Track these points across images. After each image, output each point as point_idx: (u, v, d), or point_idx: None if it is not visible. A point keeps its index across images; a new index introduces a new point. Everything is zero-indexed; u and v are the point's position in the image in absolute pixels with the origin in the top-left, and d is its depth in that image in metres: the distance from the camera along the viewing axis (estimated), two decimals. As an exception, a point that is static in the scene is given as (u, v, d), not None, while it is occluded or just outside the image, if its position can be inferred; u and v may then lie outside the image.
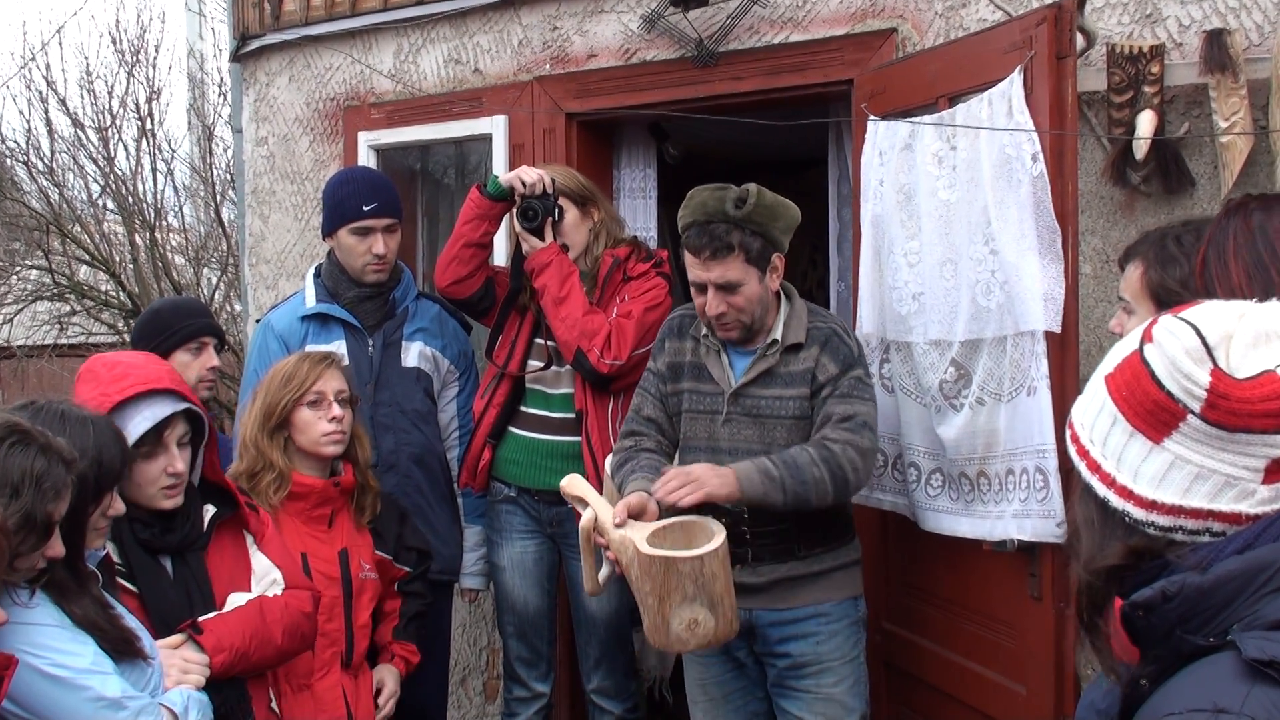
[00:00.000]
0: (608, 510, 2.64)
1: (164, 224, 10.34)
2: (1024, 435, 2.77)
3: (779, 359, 2.86)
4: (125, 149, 10.27)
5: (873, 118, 3.28)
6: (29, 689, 1.95)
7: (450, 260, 3.43)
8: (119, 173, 10.20)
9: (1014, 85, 2.80)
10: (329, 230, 3.53)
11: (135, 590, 2.38)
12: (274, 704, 2.63)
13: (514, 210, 3.40)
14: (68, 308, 10.26)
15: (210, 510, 2.52)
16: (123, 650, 2.10)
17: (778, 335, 2.88)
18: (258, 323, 3.80)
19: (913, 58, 3.37)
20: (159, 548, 2.43)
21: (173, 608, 2.39)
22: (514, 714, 3.63)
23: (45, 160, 10.29)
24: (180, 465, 2.40)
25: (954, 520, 3.02)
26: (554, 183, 3.39)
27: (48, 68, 13.18)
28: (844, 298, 3.97)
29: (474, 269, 3.43)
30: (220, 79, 10.08)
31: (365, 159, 4.54)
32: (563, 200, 3.41)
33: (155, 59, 10.45)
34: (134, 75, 10.31)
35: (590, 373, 3.31)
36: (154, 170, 10.27)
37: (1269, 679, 1.07)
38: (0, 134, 10.47)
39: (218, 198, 10.03)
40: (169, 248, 10.30)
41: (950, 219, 2.97)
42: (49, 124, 10.29)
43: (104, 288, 10.20)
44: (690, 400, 2.95)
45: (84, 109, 10.22)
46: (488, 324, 3.57)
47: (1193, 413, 1.18)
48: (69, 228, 9.97)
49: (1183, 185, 3.04)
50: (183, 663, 2.28)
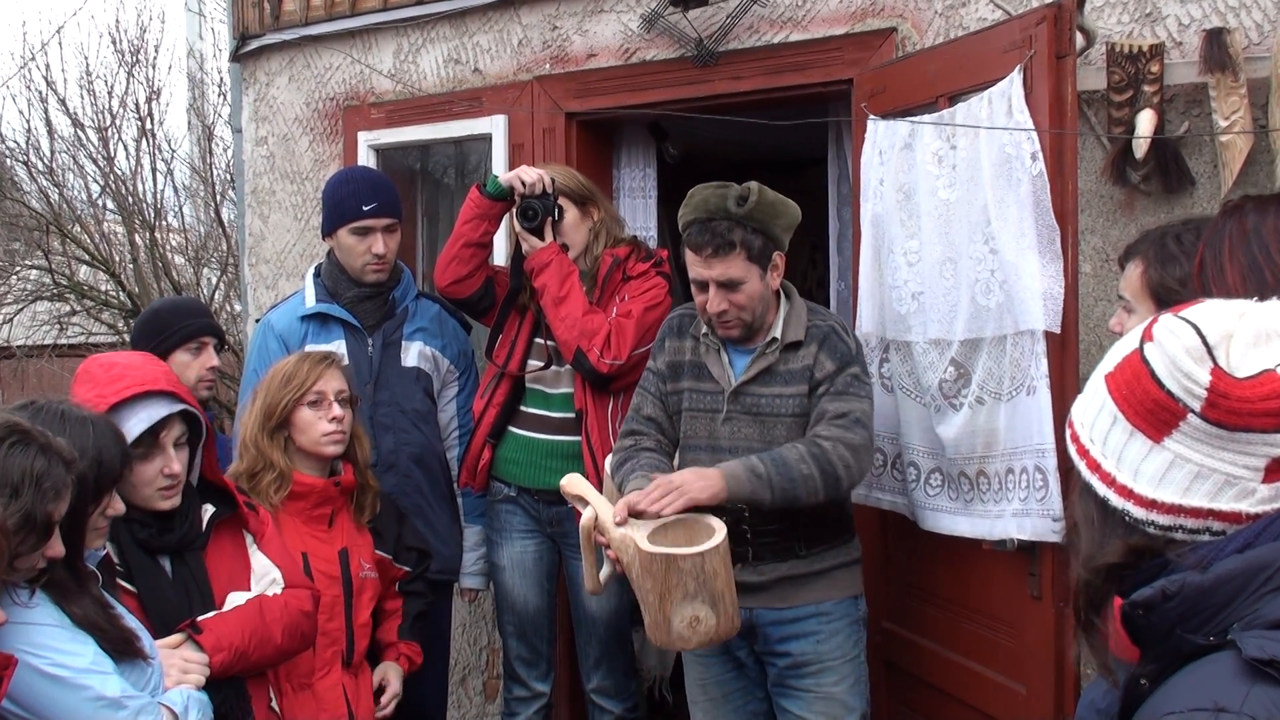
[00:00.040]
0: (608, 509, 2.64)
1: (164, 224, 10.34)
2: (1023, 434, 2.77)
3: (778, 357, 2.86)
4: (125, 149, 10.28)
5: (872, 117, 3.28)
6: (29, 688, 1.95)
7: (450, 260, 3.43)
8: (119, 173, 10.20)
9: (1014, 84, 2.80)
10: (329, 230, 3.54)
11: (134, 590, 2.38)
12: (274, 703, 2.63)
13: (514, 210, 3.40)
14: (67, 308, 10.25)
15: (209, 510, 2.53)
16: (123, 650, 2.10)
17: (777, 333, 2.87)
18: (257, 322, 3.80)
19: (912, 57, 3.37)
20: (157, 548, 2.43)
21: (171, 607, 2.39)
22: (514, 713, 3.63)
23: (45, 160, 10.29)
24: (177, 466, 2.40)
25: (953, 519, 3.02)
26: (554, 182, 3.39)
27: (47, 68, 13.20)
28: (844, 297, 3.97)
29: (474, 269, 3.43)
30: (220, 79, 10.08)
31: (365, 159, 4.54)
32: (562, 200, 3.41)
33: (155, 59, 10.45)
34: (134, 75, 10.31)
35: (590, 372, 3.31)
36: (154, 170, 10.27)
37: (1269, 678, 1.07)
38: (0, 134, 10.49)
39: (217, 198, 10.03)
40: (169, 248, 10.29)
41: (950, 218, 2.97)
42: (49, 124, 10.30)
43: (104, 288, 10.20)
44: (690, 399, 2.95)
45: (84, 109, 10.23)
46: (487, 324, 3.57)
47: (1193, 412, 1.18)
48: (69, 228, 9.97)
49: (1182, 184, 3.05)
50: (182, 662, 2.29)
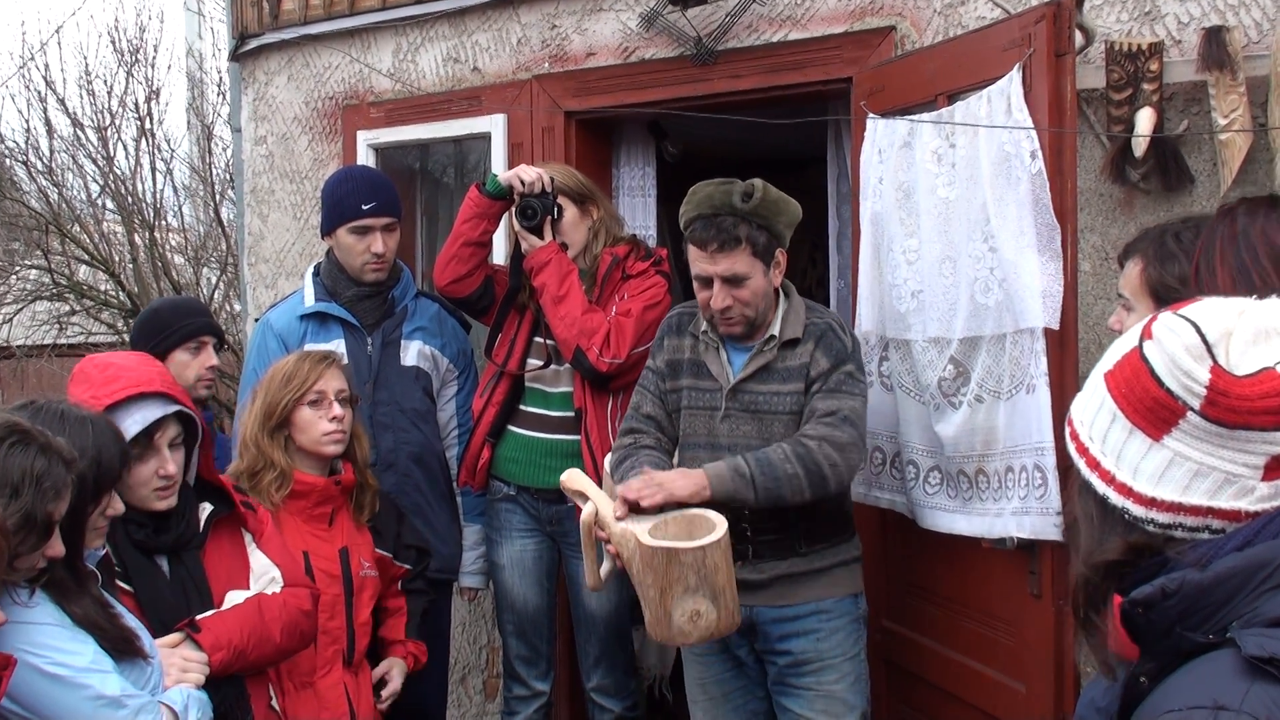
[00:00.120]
0: (608, 504, 2.63)
1: (163, 223, 10.34)
2: (1023, 433, 2.77)
3: (776, 354, 2.86)
4: (124, 148, 10.29)
5: (872, 115, 3.28)
6: (29, 688, 1.95)
7: (449, 259, 3.42)
8: (118, 172, 10.20)
9: (1013, 83, 2.80)
10: (328, 229, 3.53)
11: (131, 590, 2.38)
12: (274, 702, 2.62)
13: (513, 209, 3.40)
14: (67, 307, 10.26)
15: (207, 509, 2.52)
16: (122, 649, 2.10)
17: (775, 331, 2.87)
18: (256, 322, 3.80)
19: (911, 55, 3.37)
20: (153, 548, 2.43)
21: (169, 607, 2.39)
22: (514, 712, 3.63)
23: (44, 160, 10.30)
24: (172, 467, 2.40)
25: (952, 518, 3.02)
26: (553, 181, 3.39)
27: (47, 67, 13.19)
28: (843, 295, 3.97)
29: (473, 267, 3.43)
30: (219, 78, 10.09)
31: (364, 158, 4.54)
32: (561, 199, 3.41)
33: (154, 58, 10.48)
34: (133, 75, 10.32)
35: (589, 371, 3.31)
36: (153, 170, 10.28)
37: (1269, 676, 1.07)
38: (0, 133, 10.49)
39: (217, 197, 10.04)
40: (168, 247, 10.30)
41: (949, 216, 2.97)
42: (48, 124, 10.31)
43: (103, 287, 10.20)
44: (689, 397, 2.95)
45: (83, 109, 10.24)
46: (487, 323, 3.57)
47: (1192, 410, 1.18)
48: (68, 227, 9.97)
49: (1182, 183, 3.04)
50: (182, 661, 2.29)
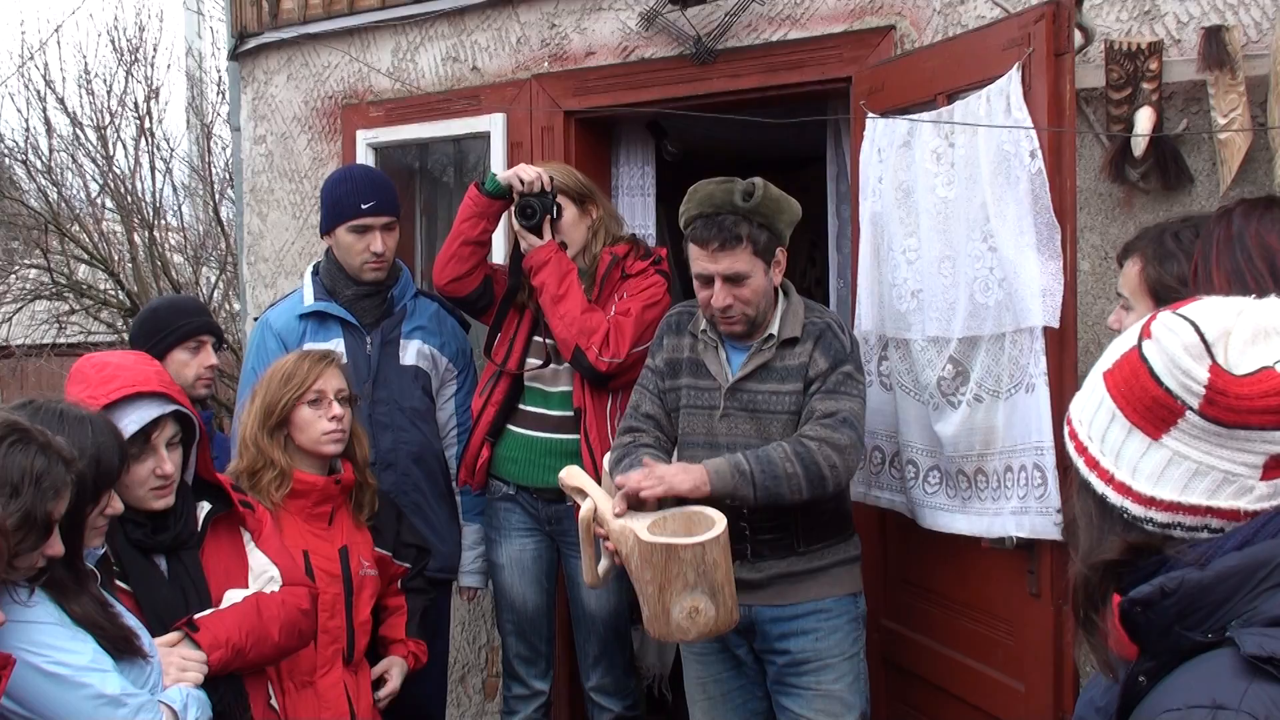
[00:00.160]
0: (607, 501, 2.63)
1: (163, 223, 10.33)
2: (1022, 432, 2.77)
3: (775, 353, 2.86)
4: (124, 148, 10.27)
5: (871, 115, 3.28)
6: (28, 687, 1.95)
7: (449, 258, 3.42)
8: (117, 172, 10.19)
9: (1012, 82, 2.80)
10: (327, 228, 3.53)
11: (129, 590, 2.38)
12: (273, 701, 2.62)
13: (512, 208, 3.40)
14: (66, 307, 10.24)
15: (205, 508, 2.52)
16: (122, 648, 2.10)
17: (774, 330, 2.88)
18: (256, 321, 3.80)
19: (911, 55, 3.37)
20: (151, 547, 2.43)
21: (167, 606, 2.39)
22: (513, 712, 3.63)
23: (44, 159, 10.29)
24: (169, 467, 2.40)
25: (951, 517, 3.02)
26: (552, 180, 3.38)
27: (46, 67, 13.15)
28: (843, 295, 3.97)
29: (472, 267, 3.43)
30: (219, 77, 10.07)
31: (363, 157, 4.53)
32: (561, 198, 3.41)
33: (154, 57, 10.44)
34: (132, 74, 10.30)
35: (588, 370, 3.31)
36: (152, 169, 10.26)
37: (1268, 675, 1.07)
38: (-1, 133, 10.48)
39: (216, 196, 10.03)
40: (168, 246, 10.29)
41: (949, 216, 2.97)
42: (47, 123, 10.29)
43: (103, 287, 10.19)
44: (688, 396, 2.95)
45: (82, 108, 10.22)
46: (486, 322, 3.57)
47: (1191, 409, 1.18)
48: (68, 227, 9.96)
49: (1181, 182, 3.04)
50: (180, 660, 2.28)
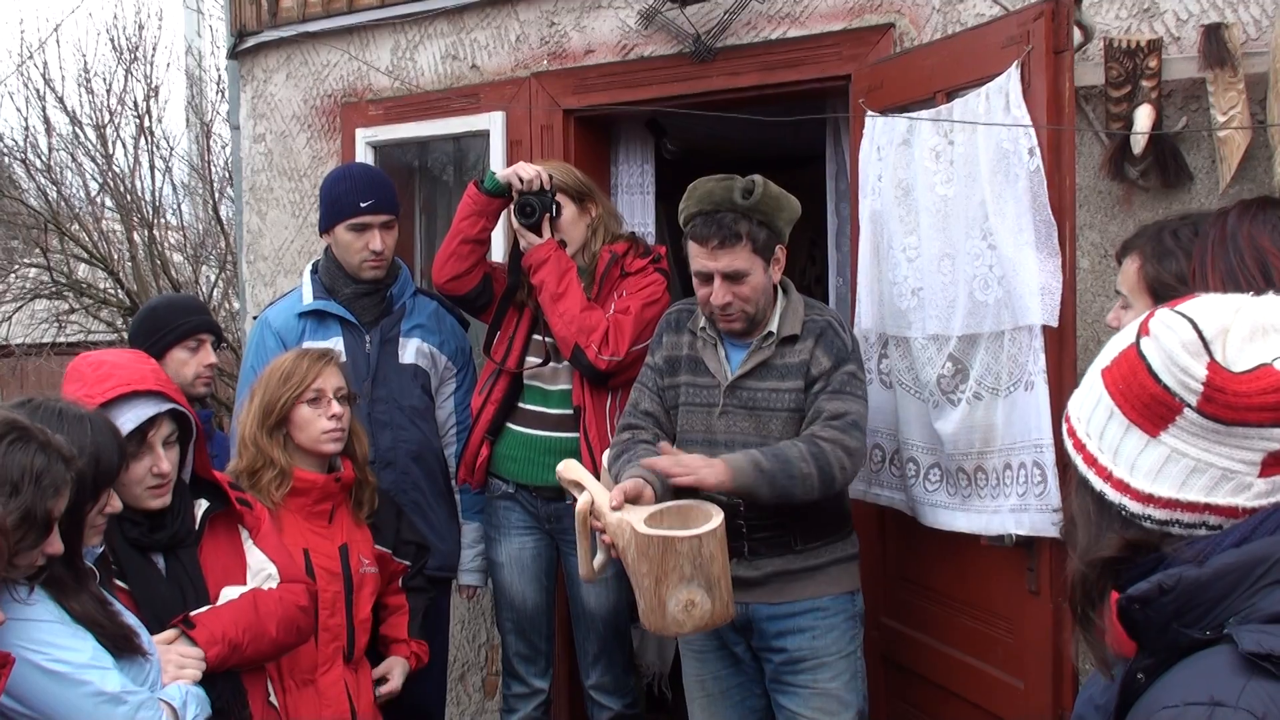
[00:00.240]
0: (604, 494, 2.63)
1: (162, 221, 10.32)
2: (1021, 430, 2.78)
3: (774, 351, 2.86)
4: (123, 146, 10.26)
5: (870, 113, 3.28)
6: (28, 685, 1.95)
7: (448, 256, 3.42)
8: (117, 170, 10.18)
9: (1011, 80, 2.80)
10: (326, 227, 3.53)
11: (127, 588, 2.38)
12: (272, 698, 2.62)
13: (511, 206, 3.40)
14: (66, 306, 10.24)
15: (203, 505, 2.52)
16: (122, 646, 2.11)
17: (773, 328, 2.88)
18: (255, 319, 3.80)
19: (910, 53, 3.37)
20: (149, 545, 2.43)
21: (165, 604, 2.39)
22: (513, 710, 3.63)
23: (43, 158, 10.28)
24: (165, 465, 2.40)
25: (951, 515, 3.02)
26: (551, 179, 3.38)
27: (45, 65, 13.20)
28: (843, 293, 3.97)
29: (471, 265, 3.43)
30: (218, 76, 10.07)
31: (363, 156, 4.53)
32: (560, 196, 3.41)
33: (153, 56, 10.42)
34: (132, 73, 10.29)
35: (588, 369, 3.31)
36: (152, 168, 10.26)
37: (1266, 672, 1.07)
38: (-2, 132, 10.47)
39: (216, 195, 10.02)
40: (167, 245, 10.28)
41: (948, 214, 2.97)
42: (47, 122, 10.28)
43: (102, 285, 10.19)
44: (687, 393, 2.95)
45: (82, 107, 10.21)
46: (486, 320, 3.57)
47: (1189, 406, 1.18)
48: (67, 226, 9.95)
49: (1180, 180, 3.05)
50: (178, 658, 2.29)
